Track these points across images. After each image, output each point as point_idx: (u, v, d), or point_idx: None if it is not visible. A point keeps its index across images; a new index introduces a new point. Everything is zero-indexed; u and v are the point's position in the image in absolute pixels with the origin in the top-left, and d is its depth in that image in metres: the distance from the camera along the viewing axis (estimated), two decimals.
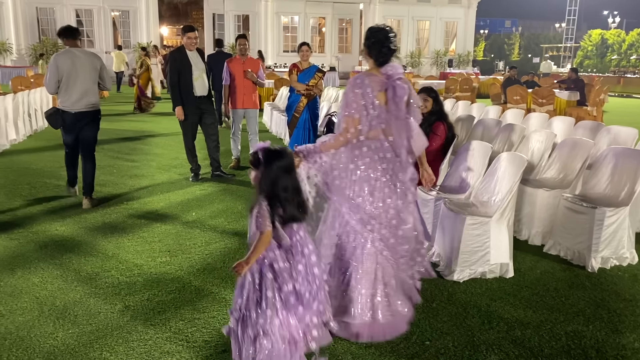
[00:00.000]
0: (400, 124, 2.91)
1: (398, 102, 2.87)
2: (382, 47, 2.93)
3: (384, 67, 2.94)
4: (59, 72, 5.15)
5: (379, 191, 2.91)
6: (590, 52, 33.88)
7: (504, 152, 4.16)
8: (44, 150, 8.31)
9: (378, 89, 2.88)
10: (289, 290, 2.36)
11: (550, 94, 11.49)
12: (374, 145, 2.90)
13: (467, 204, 4.05)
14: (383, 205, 2.91)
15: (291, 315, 2.37)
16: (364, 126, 2.86)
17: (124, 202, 5.55)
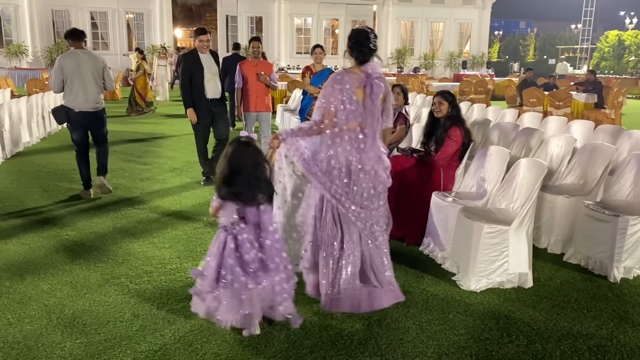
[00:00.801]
0: (374, 118, 3.17)
1: (374, 99, 3.14)
2: (362, 46, 3.15)
3: (364, 66, 3.17)
4: (63, 73, 5.44)
5: (354, 175, 3.17)
6: (607, 53, 33.38)
7: (523, 158, 4.04)
8: (57, 152, 8.33)
9: (356, 85, 3.13)
10: (251, 258, 2.82)
11: (567, 96, 11.29)
12: (349, 136, 3.15)
13: (484, 212, 3.94)
14: (357, 188, 3.18)
15: (250, 280, 2.79)
16: (341, 118, 3.12)
17: (135, 206, 5.51)
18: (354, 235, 3.21)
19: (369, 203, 3.21)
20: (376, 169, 3.21)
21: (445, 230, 4.15)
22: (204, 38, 6.14)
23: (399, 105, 6.07)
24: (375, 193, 3.23)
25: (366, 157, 3.17)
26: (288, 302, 2.96)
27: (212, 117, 6.33)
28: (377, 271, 3.27)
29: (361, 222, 3.20)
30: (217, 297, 2.83)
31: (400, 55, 28.46)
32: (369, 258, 3.26)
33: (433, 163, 4.63)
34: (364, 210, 3.19)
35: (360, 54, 3.16)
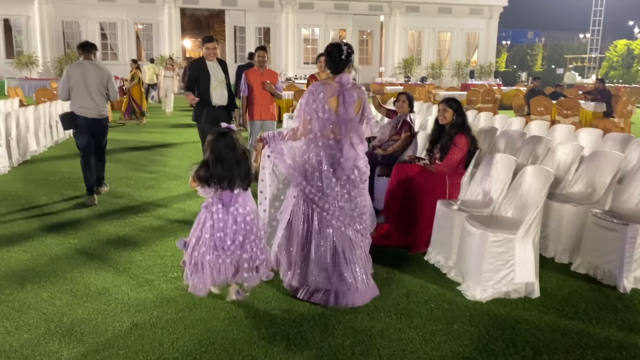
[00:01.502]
0: (347, 125, 3.44)
1: (347, 106, 3.42)
2: (335, 59, 3.47)
3: (338, 77, 3.47)
4: (70, 81, 5.74)
5: (326, 179, 3.44)
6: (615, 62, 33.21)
7: (529, 166, 3.97)
8: (63, 160, 8.35)
9: (329, 95, 3.41)
10: (218, 236, 3.26)
11: (575, 105, 11.20)
12: (322, 142, 3.44)
13: (490, 220, 3.87)
14: (330, 192, 3.45)
15: (217, 254, 3.25)
16: (315, 126, 3.41)
17: (139, 214, 5.49)
18: (326, 231, 3.47)
19: (344, 204, 3.46)
20: (349, 174, 3.45)
21: (450, 239, 4.08)
22: (211, 46, 6.17)
23: (404, 112, 6.03)
24: (349, 197, 3.47)
25: (342, 161, 3.42)
26: (253, 278, 3.38)
27: (218, 124, 6.31)
28: (352, 268, 3.49)
29: (336, 220, 3.45)
30: (192, 268, 3.29)
31: (408, 65, 28.49)
32: (342, 254, 3.48)
33: (438, 171, 4.58)
34: (339, 210, 3.44)
35: (334, 66, 3.48)
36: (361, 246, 3.55)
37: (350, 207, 3.48)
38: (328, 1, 28.08)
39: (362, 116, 3.53)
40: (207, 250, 3.25)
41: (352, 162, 3.45)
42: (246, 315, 3.31)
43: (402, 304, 3.52)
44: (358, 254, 3.52)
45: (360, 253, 3.54)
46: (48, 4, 25.43)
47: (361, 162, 3.53)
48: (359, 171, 3.51)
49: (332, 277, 3.46)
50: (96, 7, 25.97)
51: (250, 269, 3.34)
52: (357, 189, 3.52)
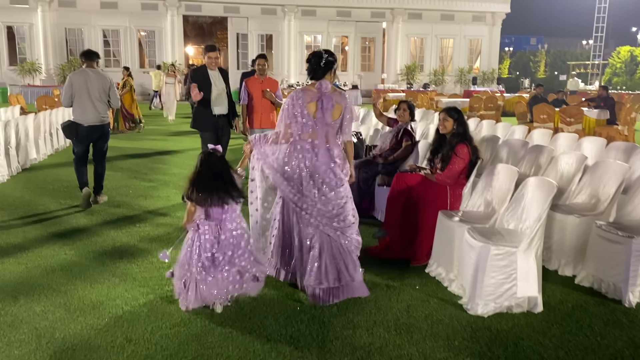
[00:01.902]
0: (324, 129, 3.60)
1: (324, 111, 3.58)
2: (315, 66, 3.64)
3: (318, 83, 3.64)
4: (73, 88, 5.87)
5: (304, 180, 3.61)
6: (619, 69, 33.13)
7: (532, 177, 3.90)
8: (62, 169, 8.30)
9: (308, 100, 3.59)
10: (206, 256, 3.38)
11: (578, 112, 11.12)
12: (301, 146, 3.62)
13: (491, 232, 3.79)
14: (308, 194, 3.60)
15: (208, 273, 3.37)
16: (295, 130, 3.60)
17: (137, 224, 5.43)
18: (309, 230, 3.63)
19: (321, 206, 3.60)
20: (325, 178, 3.61)
21: (451, 252, 4.01)
22: (213, 55, 6.17)
23: (405, 121, 5.97)
24: (326, 199, 3.61)
25: (317, 164, 3.59)
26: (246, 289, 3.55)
27: (217, 133, 6.29)
28: (337, 268, 3.62)
29: (314, 219, 3.60)
30: (181, 286, 3.42)
31: (410, 72, 28.45)
32: (326, 253, 3.61)
33: (439, 181, 4.51)
34: (317, 210, 3.60)
35: (312, 72, 3.66)
36: (342, 244, 3.65)
37: (327, 209, 3.61)
38: (330, 8, 28.10)
39: (341, 121, 3.67)
40: (197, 270, 3.36)
41: (327, 166, 3.61)
42: (242, 331, 3.24)
43: (402, 318, 3.45)
44: (338, 252, 3.64)
45: (344, 251, 3.66)
46: (51, 11, 25.50)
47: (337, 165, 3.66)
48: (335, 174, 3.65)
49: (311, 274, 3.59)
50: (99, 14, 26.04)
51: (240, 281, 3.49)
52: (334, 192, 3.65)
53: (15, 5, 25.10)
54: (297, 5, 27.50)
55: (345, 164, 3.75)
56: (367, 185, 5.82)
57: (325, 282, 3.58)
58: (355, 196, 5.83)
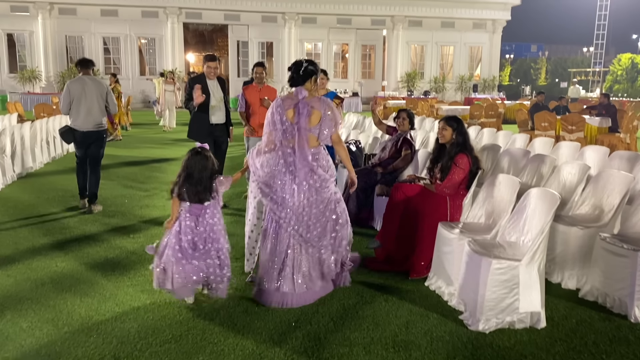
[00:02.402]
0: (301, 135, 3.70)
1: (301, 117, 3.70)
2: (295, 74, 3.79)
3: (295, 90, 3.79)
4: (70, 96, 6.03)
5: (288, 186, 3.73)
6: (620, 76, 33.07)
7: (534, 188, 3.79)
8: (58, 177, 8.22)
9: (287, 107, 3.74)
10: (187, 239, 3.55)
11: (580, 120, 11.03)
12: (282, 151, 3.76)
13: (493, 245, 3.69)
14: (290, 198, 3.71)
15: (184, 256, 3.53)
16: (277, 137, 3.74)
17: (131, 235, 5.33)
18: (283, 237, 3.74)
19: (302, 210, 3.71)
20: (308, 180, 3.71)
21: (451, 265, 3.90)
22: (212, 65, 6.14)
23: (404, 130, 5.88)
24: (308, 203, 3.71)
25: (299, 168, 3.70)
26: (222, 285, 3.64)
27: (214, 142, 6.21)
28: (302, 275, 3.73)
29: (292, 228, 3.71)
30: (161, 269, 3.55)
31: (410, 79, 28.41)
32: (296, 261, 3.73)
33: (439, 191, 4.41)
34: (295, 217, 3.71)
35: (291, 80, 3.80)
36: (314, 253, 3.78)
37: (307, 214, 3.73)
38: (331, 16, 28.11)
39: (320, 125, 3.75)
40: (172, 253, 3.53)
41: (307, 169, 3.71)
42: (234, 348, 3.13)
43: (400, 335, 3.33)
44: (309, 261, 3.77)
45: (314, 260, 3.79)
46: (52, 18, 25.52)
47: (320, 167, 3.76)
48: (319, 177, 3.75)
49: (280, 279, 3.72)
50: (99, 22, 26.04)
51: (216, 275, 3.61)
52: (318, 195, 3.76)
53: (15, 13, 25.12)
54: (297, 12, 27.51)
55: (331, 166, 3.86)
56: (366, 194, 5.72)
57: (291, 287, 3.70)
58: (354, 206, 5.78)
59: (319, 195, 3.74)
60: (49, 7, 25.19)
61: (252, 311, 3.61)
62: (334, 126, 3.78)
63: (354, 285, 4.09)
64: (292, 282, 3.70)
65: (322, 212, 3.77)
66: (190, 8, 26.43)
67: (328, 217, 3.81)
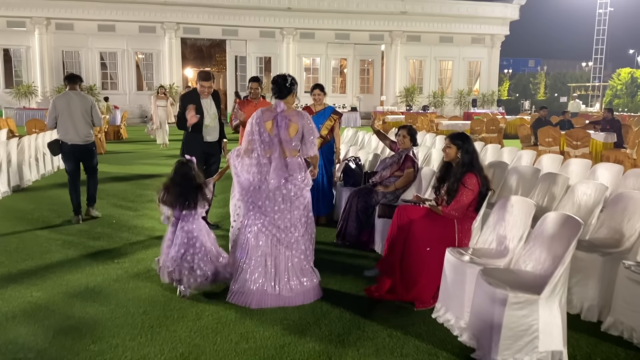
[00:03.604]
0: (279, 146, 3.94)
1: (279, 129, 3.94)
2: (281, 86, 4.02)
3: (275, 103, 4.02)
4: (56, 110, 6.16)
5: (264, 193, 3.96)
6: (619, 91, 32.95)
7: (552, 212, 3.47)
8: (45, 195, 7.89)
9: (265, 119, 3.96)
10: (166, 245, 4.10)
11: (585, 135, 10.75)
12: (260, 161, 3.97)
13: (507, 274, 3.35)
14: (262, 204, 3.96)
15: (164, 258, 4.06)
16: (255, 147, 3.96)
17: (115, 260, 4.98)
18: (260, 240, 3.94)
19: (274, 215, 3.93)
20: (282, 189, 3.92)
21: (462, 295, 3.56)
22: (207, 84, 5.82)
23: (405, 147, 5.58)
24: (278, 209, 3.93)
25: (274, 177, 3.89)
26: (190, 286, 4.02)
27: (206, 159, 5.92)
28: (280, 277, 3.92)
29: (269, 231, 3.93)
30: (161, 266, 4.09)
31: (409, 94, 28.25)
32: (274, 262, 3.94)
33: (446, 214, 4.08)
34: (268, 221, 3.92)
35: (278, 92, 4.02)
36: (288, 256, 3.96)
37: (279, 219, 3.93)
38: (329, 31, 28.02)
39: (301, 138, 3.98)
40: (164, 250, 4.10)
41: (281, 179, 3.91)
42: None
43: None
44: (284, 263, 3.95)
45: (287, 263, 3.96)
46: (48, 34, 25.38)
47: (296, 177, 3.96)
48: (294, 186, 3.96)
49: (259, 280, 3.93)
50: (96, 37, 25.90)
51: (189, 276, 3.95)
52: (291, 203, 3.96)
53: (12, 28, 24.98)
54: (295, 28, 27.42)
55: (307, 175, 4.05)
56: (367, 215, 5.39)
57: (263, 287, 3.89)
58: (354, 228, 5.44)
59: (293, 203, 3.96)
60: (46, 22, 25.07)
61: (242, 337, 3.26)
62: (313, 137, 4.02)
63: (354, 317, 3.75)
64: (271, 283, 3.91)
65: (298, 218, 3.98)
66: (188, 23, 26.32)
67: (303, 224, 4.01)
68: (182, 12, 25.85)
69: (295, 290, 3.93)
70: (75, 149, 6.21)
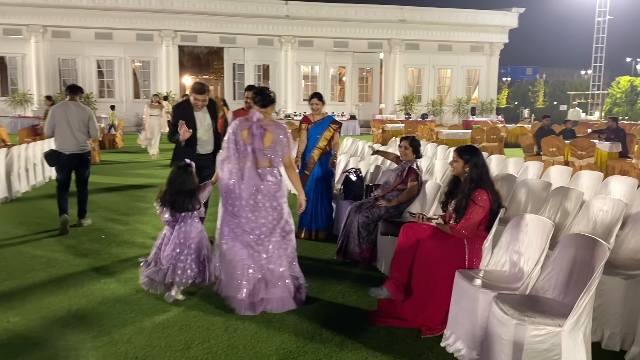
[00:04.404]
0: (255, 154, 4.02)
1: (254, 138, 4.01)
2: (265, 96, 4.13)
3: (251, 113, 4.11)
4: (54, 119, 6.29)
5: (237, 200, 4.03)
6: (619, 99, 32.80)
7: (573, 234, 3.19)
8: (34, 208, 7.59)
9: (241, 128, 4.06)
10: (158, 244, 4.30)
11: (590, 145, 10.50)
12: (235, 169, 4.05)
13: (524, 302, 3.07)
14: (237, 211, 4.03)
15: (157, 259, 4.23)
16: (232, 154, 4.04)
17: (101, 279, 4.68)
18: (236, 246, 4.02)
19: (246, 220, 4.00)
20: (256, 196, 4.00)
21: (473, 322, 3.28)
22: (200, 97, 5.45)
23: (408, 160, 5.32)
24: (252, 216, 4.01)
25: (245, 186, 3.99)
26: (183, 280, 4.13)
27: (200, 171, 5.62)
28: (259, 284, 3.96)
29: (242, 238, 4.01)
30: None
31: (408, 102, 28.07)
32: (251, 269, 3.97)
33: (455, 234, 3.80)
34: (239, 227, 4.01)
35: (262, 101, 4.11)
36: (262, 263, 4.00)
37: (250, 226, 4.01)
38: (327, 39, 27.86)
39: (274, 148, 4.04)
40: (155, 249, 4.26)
41: (253, 187, 3.99)
42: None
43: None
44: (259, 269, 3.99)
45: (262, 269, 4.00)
46: (45, 41, 25.16)
47: (266, 188, 4.02)
48: (263, 196, 4.02)
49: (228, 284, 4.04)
50: (93, 45, 25.69)
51: (182, 275, 4.10)
52: (265, 210, 4.03)
53: (8, 36, 24.76)
54: (293, 35, 27.27)
55: (281, 186, 4.11)
56: (368, 232, 5.11)
57: (239, 294, 3.92)
58: (355, 245, 5.16)
59: (268, 212, 4.02)
60: (42, 30, 24.88)
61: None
62: (286, 148, 4.08)
63: (356, 346, 3.47)
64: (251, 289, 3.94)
65: (272, 229, 4.03)
66: (185, 31, 26.14)
67: (278, 233, 4.05)
68: (179, 20, 25.69)
69: (277, 296, 3.96)
70: (72, 158, 6.33)
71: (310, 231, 6.05)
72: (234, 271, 3.98)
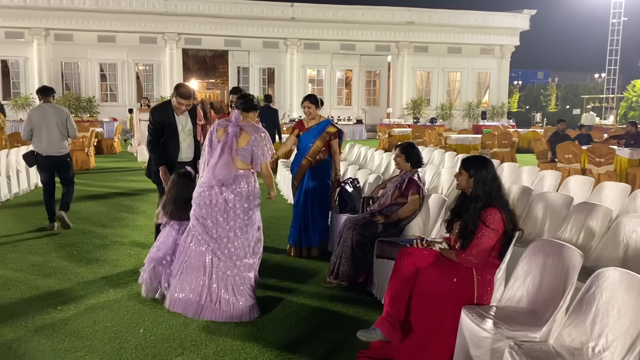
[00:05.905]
0: (229, 155, 3.92)
1: (228, 137, 3.95)
2: (248, 101, 4.15)
3: (232, 113, 4.05)
4: (31, 123, 6.26)
5: (205, 205, 3.94)
6: (635, 102, 31.89)
7: (611, 269, 2.55)
8: (7, 219, 7.05)
9: (219, 127, 4.03)
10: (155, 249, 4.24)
11: (610, 152, 9.79)
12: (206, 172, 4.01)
13: (548, 355, 2.45)
14: (206, 215, 3.94)
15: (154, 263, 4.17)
16: (206, 152, 4.03)
17: (58, 307, 4.10)
18: (196, 248, 3.94)
19: (212, 225, 3.92)
20: (227, 198, 3.91)
21: None
22: (185, 102, 4.95)
23: (405, 170, 4.72)
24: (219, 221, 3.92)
25: (210, 191, 3.92)
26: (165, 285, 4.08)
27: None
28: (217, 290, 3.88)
29: (204, 240, 3.92)
30: None
31: (416, 106, 27.42)
32: (210, 273, 3.90)
33: (462, 262, 3.19)
34: (206, 233, 3.92)
35: (244, 104, 4.12)
36: (222, 269, 3.91)
37: (214, 227, 3.92)
38: (334, 42, 27.32)
39: (250, 149, 3.96)
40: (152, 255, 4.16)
41: (217, 189, 3.91)
42: None
43: None
44: (215, 274, 3.91)
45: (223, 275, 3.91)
46: (47, 44, 24.84)
47: (238, 190, 3.94)
48: (235, 196, 3.92)
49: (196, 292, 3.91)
50: (96, 48, 25.34)
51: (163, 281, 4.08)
52: (234, 214, 3.93)
53: (10, 39, 24.48)
54: (299, 38, 26.75)
55: (252, 193, 4.01)
56: (364, 252, 4.49)
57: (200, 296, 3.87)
58: (348, 267, 4.54)
59: (235, 214, 3.93)
60: (45, 33, 24.56)
61: None
62: (264, 154, 4.00)
63: None
64: (208, 294, 3.88)
65: (236, 232, 3.94)
66: (189, 34, 25.73)
67: (243, 239, 3.96)
68: (183, 23, 25.28)
69: (233, 305, 3.86)
70: (50, 160, 6.32)
71: (299, 248, 5.44)
72: (191, 272, 3.94)
